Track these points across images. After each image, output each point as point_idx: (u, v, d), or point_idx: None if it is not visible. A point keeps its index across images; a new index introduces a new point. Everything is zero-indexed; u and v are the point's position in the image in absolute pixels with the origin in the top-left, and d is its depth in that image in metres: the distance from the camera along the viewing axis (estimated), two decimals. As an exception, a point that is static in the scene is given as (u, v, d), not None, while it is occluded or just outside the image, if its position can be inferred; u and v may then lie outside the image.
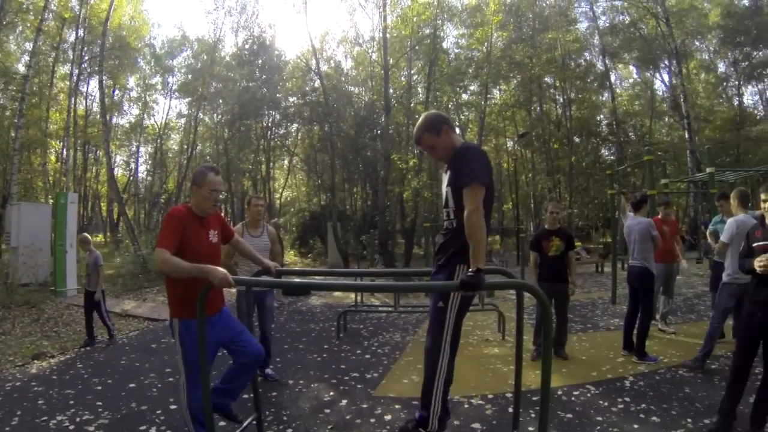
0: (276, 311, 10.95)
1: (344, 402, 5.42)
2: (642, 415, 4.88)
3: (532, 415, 4.74)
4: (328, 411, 5.14)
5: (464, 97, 32.07)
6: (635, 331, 6.90)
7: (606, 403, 5.24)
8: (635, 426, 4.66)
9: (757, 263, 4.07)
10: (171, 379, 6.23)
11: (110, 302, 11.35)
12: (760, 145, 30.06)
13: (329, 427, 4.75)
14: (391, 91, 27.48)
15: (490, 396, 5.50)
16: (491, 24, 27.51)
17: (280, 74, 31.94)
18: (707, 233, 8.15)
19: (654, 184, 10.87)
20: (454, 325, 3.51)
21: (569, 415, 4.93)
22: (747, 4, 33.59)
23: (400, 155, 23.75)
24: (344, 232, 27.62)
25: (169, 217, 3.87)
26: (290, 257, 27.87)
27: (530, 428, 4.49)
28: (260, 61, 31.20)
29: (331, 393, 5.72)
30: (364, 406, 5.29)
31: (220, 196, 4.10)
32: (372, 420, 4.90)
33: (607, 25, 34.72)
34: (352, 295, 10.84)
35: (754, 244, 4.36)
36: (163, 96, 35.98)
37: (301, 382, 6.12)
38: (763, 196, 4.31)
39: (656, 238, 7.00)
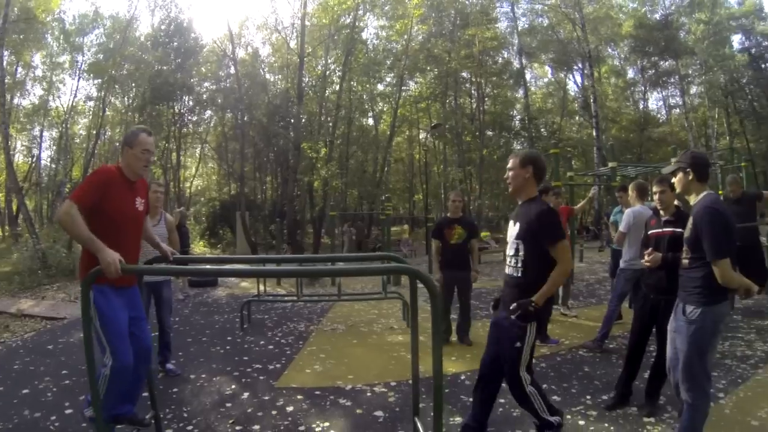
0: (181, 303, 10.90)
1: (246, 395, 5.36)
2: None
3: None
4: (229, 405, 5.06)
5: (380, 87, 32.58)
6: None
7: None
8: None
9: (644, 260, 4.58)
10: (67, 382, 5.87)
11: (5, 302, 11.09)
12: (661, 145, 32.75)
13: (230, 421, 4.67)
14: (307, 79, 27.29)
15: (393, 383, 5.57)
16: (412, 17, 27.73)
17: (195, 58, 31.22)
18: (609, 223, 8.43)
19: (559, 176, 11.29)
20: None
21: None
22: (658, 18, 36.73)
23: (311, 144, 23.57)
24: (254, 221, 27.60)
25: (95, 173, 3.78)
26: (199, 248, 27.40)
27: (432, 414, 4.60)
28: (176, 44, 30.41)
29: (234, 386, 5.63)
30: (266, 398, 5.25)
31: (152, 158, 3.98)
32: (274, 412, 4.86)
33: (527, 26, 36.56)
34: (260, 286, 10.61)
35: (649, 232, 4.82)
36: (71, 76, 33.97)
37: (203, 376, 5.97)
38: (655, 188, 4.71)
39: None
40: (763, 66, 38.50)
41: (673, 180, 3.84)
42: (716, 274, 3.39)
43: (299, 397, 5.22)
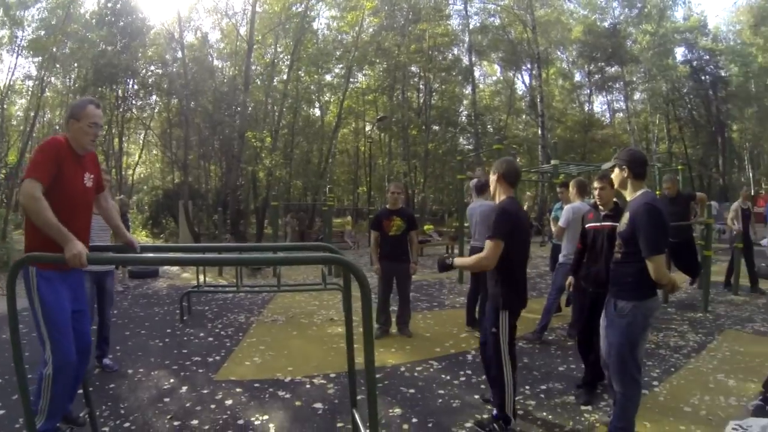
0: (120, 295, 10.52)
1: (185, 389, 5.25)
2: (483, 386, 5.16)
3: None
4: (167, 400, 4.94)
5: (328, 78, 32.46)
6: (477, 308, 7.20)
7: (448, 377, 5.57)
8: (476, 396, 5.01)
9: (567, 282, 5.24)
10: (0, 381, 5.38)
11: None
12: (604, 146, 33.99)
13: (168, 416, 4.57)
14: (255, 67, 26.97)
15: (333, 375, 5.59)
16: (364, 9, 27.65)
17: (141, 40, 30.17)
18: (551, 219, 8.64)
19: None
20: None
21: (412, 390, 5.17)
22: (606, 26, 38.37)
23: (255, 133, 23.30)
24: (197, 211, 26.96)
25: (46, 146, 3.45)
26: (141, 237, 26.50)
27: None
28: (122, 23, 29.32)
29: (172, 380, 5.51)
30: (205, 391, 5.17)
31: (100, 132, 3.74)
32: (213, 406, 4.80)
33: (478, 24, 37.02)
34: (200, 276, 10.42)
35: (587, 225, 5.11)
36: (9, 53, 32.40)
37: (141, 370, 5.81)
38: (595, 185, 4.97)
39: None
40: (702, 78, 40.56)
41: (611, 176, 4.00)
42: (650, 269, 3.51)
43: (238, 390, 5.20)
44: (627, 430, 3.84)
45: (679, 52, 41.50)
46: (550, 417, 4.54)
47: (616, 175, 3.87)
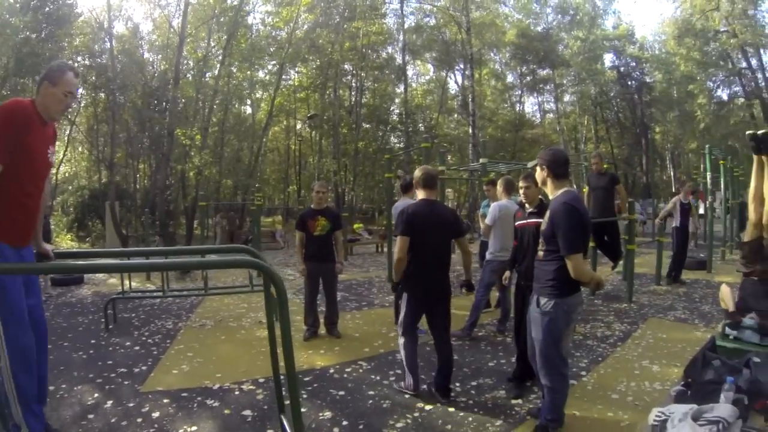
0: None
1: (110, 403, 4.92)
2: None
3: (304, 396, 4.85)
4: (92, 416, 4.61)
5: (260, 75, 31.99)
6: None
7: (378, 377, 5.50)
8: (406, 396, 4.96)
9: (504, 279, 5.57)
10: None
11: None
12: (534, 146, 34.91)
13: None
14: (187, 62, 26.24)
15: (262, 380, 5.39)
16: (300, 4, 27.35)
17: (68, 28, 28.68)
18: (479, 216, 8.68)
19: None
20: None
21: (342, 392, 5.08)
22: (540, 30, 39.82)
23: (185, 130, 22.54)
24: (125, 212, 25.95)
25: (5, 109, 3.17)
26: (66, 242, 25.10)
27: (302, 410, 4.58)
28: (48, 9, 27.77)
29: (96, 395, 5.14)
30: (131, 404, 4.87)
31: (72, 103, 3.57)
32: (139, 419, 4.55)
33: (413, 24, 37.32)
34: (126, 282, 9.86)
35: (516, 224, 5.21)
36: None
37: (64, 386, 5.35)
38: (521, 183, 4.98)
39: None
40: (629, 83, 42.93)
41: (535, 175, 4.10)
42: (569, 267, 3.58)
43: (165, 400, 4.94)
44: (557, 422, 3.96)
45: (608, 58, 43.74)
46: (481, 413, 4.59)
47: (538, 175, 3.96)
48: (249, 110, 34.28)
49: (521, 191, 5.02)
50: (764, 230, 5.16)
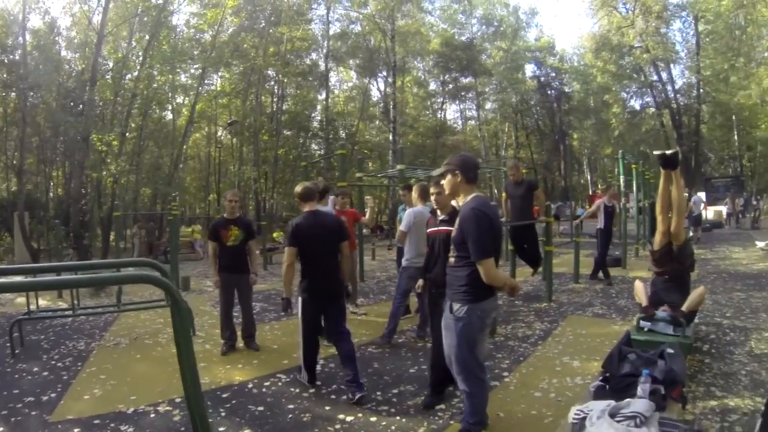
0: None
1: None
2: (333, 396, 5.10)
3: (222, 414, 4.69)
4: None
5: (182, 78, 30.45)
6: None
7: (297, 390, 5.31)
8: (327, 408, 4.83)
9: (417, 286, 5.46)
10: None
11: None
12: (455, 151, 34.84)
13: None
14: (106, 63, 25.03)
15: (179, 400, 5.00)
16: (225, 7, 26.73)
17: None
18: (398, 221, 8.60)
19: (345, 176, 11.38)
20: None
21: (261, 408, 4.88)
22: (464, 40, 40.61)
23: (101, 135, 21.29)
24: (36, 224, 23.97)
25: None
26: None
27: (221, 428, 4.42)
28: None
29: (1, 429, 4.71)
30: None
31: None
32: None
33: (338, 30, 37.33)
34: (34, 301, 8.85)
35: (428, 231, 5.11)
36: None
37: None
38: (432, 190, 4.94)
39: None
40: (549, 92, 45.28)
41: (443, 182, 4.06)
42: (481, 273, 3.55)
43: (76, 430, 4.55)
44: (480, 424, 3.92)
45: (529, 69, 46.04)
46: (404, 420, 4.53)
47: (448, 181, 3.91)
48: (170, 116, 32.70)
49: (432, 197, 4.99)
50: (672, 237, 5.72)
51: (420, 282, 5.45)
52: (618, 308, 8.65)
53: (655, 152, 5.98)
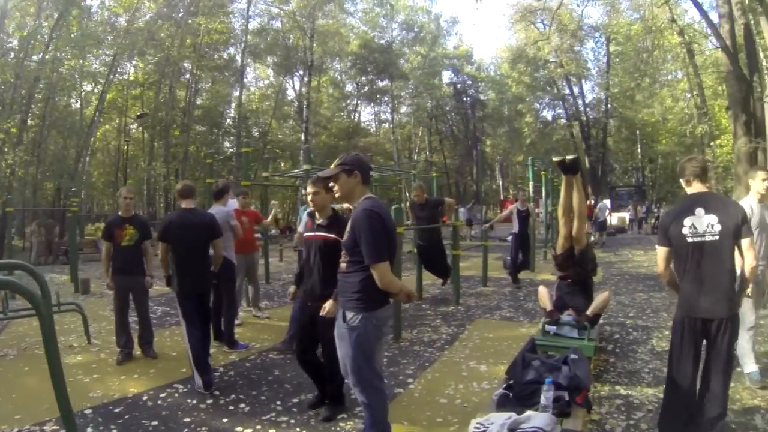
0: None
1: None
2: (231, 407, 4.76)
3: (114, 431, 4.24)
4: None
5: (93, 65, 28.69)
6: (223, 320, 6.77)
7: (194, 401, 4.91)
8: (224, 420, 4.50)
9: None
10: None
11: None
12: (366, 153, 34.51)
13: None
14: (13, 41, 23.26)
15: None
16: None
17: None
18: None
19: (248, 175, 10.96)
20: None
21: (155, 422, 4.45)
22: (383, 43, 41.03)
23: (-2, 122, 19.75)
24: None
25: None
26: None
27: None
28: None
29: None
30: None
31: None
32: None
33: (258, 26, 36.40)
34: None
35: (304, 234, 4.69)
36: None
37: None
38: (309, 189, 4.39)
39: (235, 227, 6.87)
40: (464, 99, 46.30)
41: (333, 184, 3.69)
42: (375, 277, 3.33)
43: None
44: None
45: (446, 75, 46.84)
46: (304, 431, 4.29)
47: (344, 182, 3.60)
48: (77, 104, 30.29)
49: (308, 197, 4.43)
50: (573, 241, 5.82)
51: (291, 288, 5.08)
52: (526, 311, 8.63)
53: (555, 158, 6.10)
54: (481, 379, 5.25)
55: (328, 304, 4.06)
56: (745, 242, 3.59)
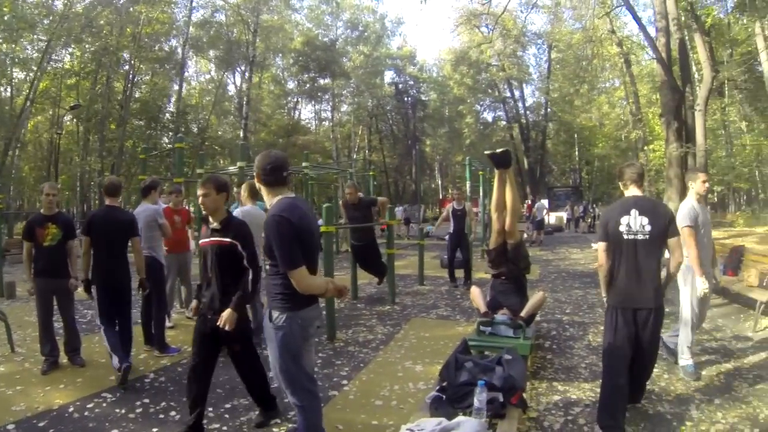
0: None
1: None
2: (162, 415, 4.47)
3: None
4: None
5: (27, 51, 27.03)
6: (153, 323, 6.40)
7: (123, 411, 4.57)
8: (154, 429, 4.23)
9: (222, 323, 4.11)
10: None
11: None
12: (304, 151, 34.20)
13: None
14: None
15: None
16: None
17: None
18: None
19: (182, 171, 10.49)
20: None
21: None
22: (327, 41, 40.90)
23: None
24: None
25: None
26: None
27: None
28: None
29: None
30: None
31: None
32: None
33: (202, 18, 35.43)
34: None
35: (200, 241, 4.56)
36: None
37: None
38: (199, 191, 4.16)
39: (164, 226, 6.40)
40: (405, 99, 46.85)
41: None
42: (294, 284, 3.15)
43: None
44: None
45: (388, 75, 47.18)
46: None
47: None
48: (7, 92, 28.43)
49: (199, 200, 4.13)
50: (506, 236, 5.86)
51: (193, 304, 4.50)
52: (462, 309, 8.41)
53: (486, 151, 6.10)
54: (417, 380, 5.12)
55: (225, 314, 3.85)
56: (672, 241, 4.01)
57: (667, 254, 4.11)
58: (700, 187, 5.08)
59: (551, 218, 29.98)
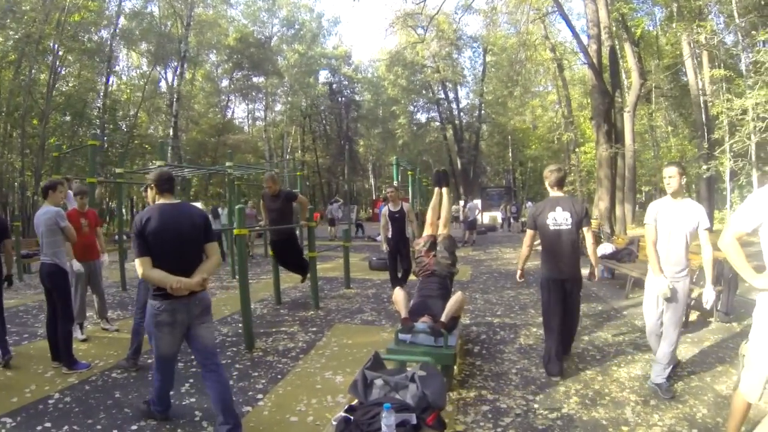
0: None
1: None
2: None
3: None
4: None
5: None
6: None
7: None
8: None
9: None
10: None
11: None
12: (236, 151, 33.36)
13: None
14: None
15: None
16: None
17: None
18: None
19: (95, 171, 9.73)
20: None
21: None
22: (261, 39, 40.81)
23: None
24: None
25: None
26: None
27: None
28: None
29: None
30: None
31: None
32: None
33: (134, 9, 33.44)
34: None
35: None
36: None
37: None
38: (150, 193, 4.33)
39: (66, 229, 5.76)
40: (339, 99, 47.15)
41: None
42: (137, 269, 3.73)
43: None
44: (159, 407, 4.11)
45: (323, 75, 47.15)
46: None
47: (150, 193, 4.11)
48: None
49: (148, 194, 4.44)
50: (437, 230, 6.42)
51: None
52: (389, 314, 8.07)
53: (435, 171, 7.08)
54: (336, 392, 4.81)
55: None
56: (585, 229, 5.27)
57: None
58: (665, 184, 4.89)
59: (485, 218, 30.81)
